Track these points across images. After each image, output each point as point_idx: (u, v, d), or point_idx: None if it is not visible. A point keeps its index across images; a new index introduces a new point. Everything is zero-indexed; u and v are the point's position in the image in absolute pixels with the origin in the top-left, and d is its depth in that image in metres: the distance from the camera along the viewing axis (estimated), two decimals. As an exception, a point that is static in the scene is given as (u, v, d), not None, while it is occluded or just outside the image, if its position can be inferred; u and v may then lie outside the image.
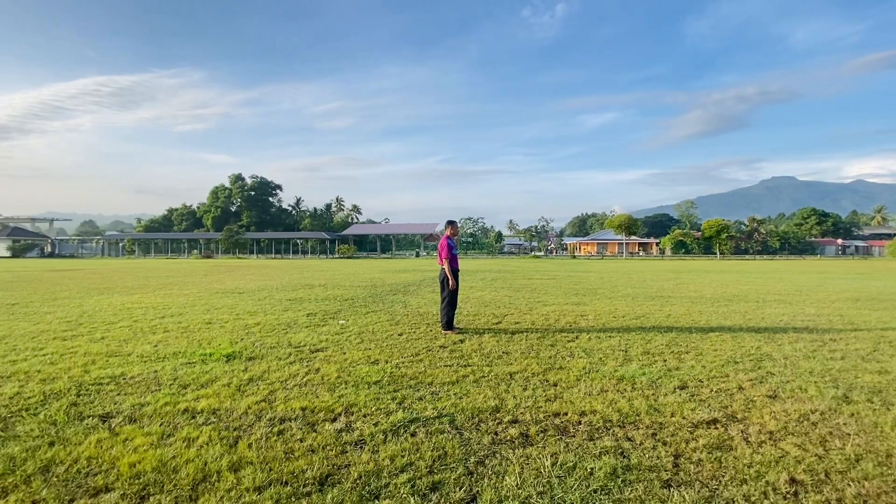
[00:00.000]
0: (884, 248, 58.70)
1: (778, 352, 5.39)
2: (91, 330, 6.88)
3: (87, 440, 3.00)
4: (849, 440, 2.98)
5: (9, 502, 2.30)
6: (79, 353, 5.42)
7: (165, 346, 5.74)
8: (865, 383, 4.20)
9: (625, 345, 5.76)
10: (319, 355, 5.27)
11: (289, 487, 2.41)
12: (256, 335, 6.45)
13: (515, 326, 7.15)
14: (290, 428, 3.18)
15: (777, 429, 3.15)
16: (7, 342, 6.02)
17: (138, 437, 3.04)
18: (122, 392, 3.98)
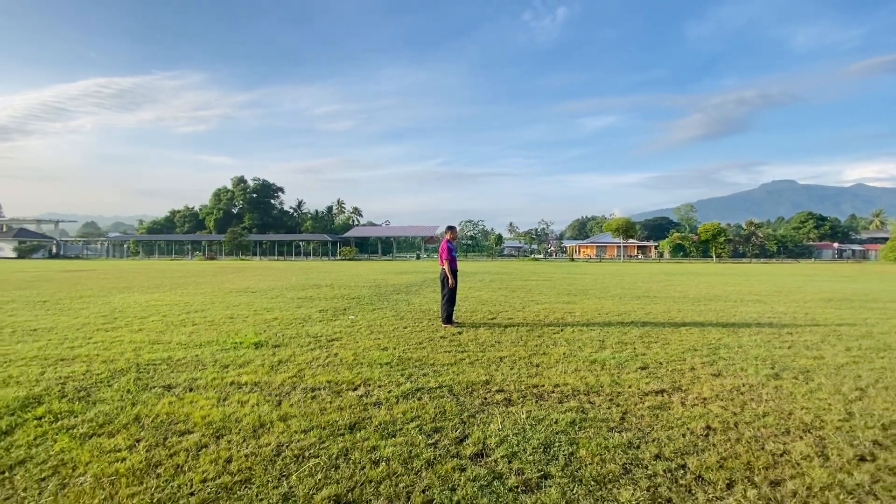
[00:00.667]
0: (879, 252, 59.38)
1: (735, 342, 6.18)
2: (128, 323, 7.67)
3: (160, 402, 3.79)
4: (764, 403, 3.77)
5: (118, 438, 3.09)
6: (124, 341, 6.21)
7: (198, 336, 6.53)
8: (798, 365, 4.99)
9: (603, 336, 6.55)
10: (336, 343, 6.07)
11: (327, 430, 3.20)
12: (276, 328, 7.24)
13: (508, 321, 7.94)
14: (321, 394, 3.97)
15: (710, 396, 3.94)
16: (57, 333, 6.81)
17: (200, 400, 3.83)
18: (174, 370, 4.77)
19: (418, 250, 73.05)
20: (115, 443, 3.02)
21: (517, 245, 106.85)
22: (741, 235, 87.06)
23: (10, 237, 63.07)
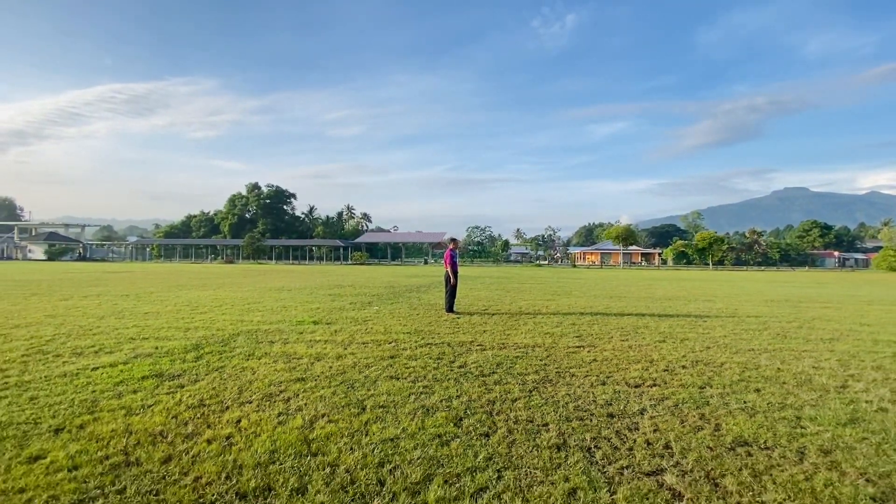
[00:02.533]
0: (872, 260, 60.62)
1: (655, 325, 8.58)
2: (210, 309, 10.26)
3: (273, 347, 6.30)
4: (638, 352, 6.18)
5: (262, 360, 5.59)
6: (218, 319, 8.77)
7: (269, 317, 9.08)
8: (683, 336, 7.38)
9: (561, 320, 9.00)
10: (369, 322, 8.58)
11: (377, 357, 5.69)
12: (322, 313, 9.78)
13: (496, 311, 10.40)
14: (369, 345, 6.47)
15: (608, 349, 6.37)
16: (164, 315, 9.39)
17: (297, 346, 6.35)
18: (269, 334, 7.29)
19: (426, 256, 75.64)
20: (263, 362, 5.53)
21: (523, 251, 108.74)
22: (744, 244, 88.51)
23: (40, 240, 66.81)
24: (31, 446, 3.07)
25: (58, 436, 3.25)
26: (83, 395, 4.12)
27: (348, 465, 2.85)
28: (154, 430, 3.37)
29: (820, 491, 2.58)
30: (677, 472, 2.79)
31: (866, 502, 2.47)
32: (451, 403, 4.01)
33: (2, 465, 2.80)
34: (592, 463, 2.91)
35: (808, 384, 4.74)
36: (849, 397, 4.31)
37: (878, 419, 3.74)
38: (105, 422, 3.50)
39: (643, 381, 4.77)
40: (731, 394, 4.37)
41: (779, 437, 3.35)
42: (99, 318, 8.71)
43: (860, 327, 8.65)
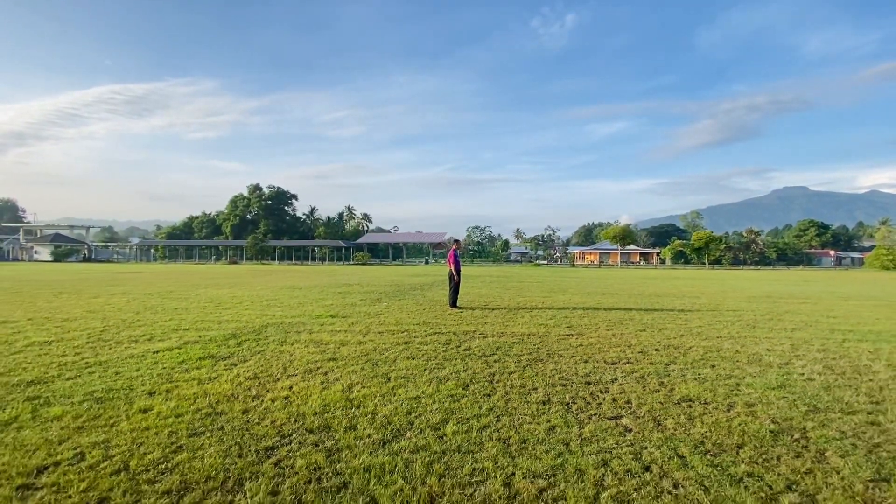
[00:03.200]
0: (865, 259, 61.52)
1: (640, 318, 9.50)
2: (233, 305, 11.17)
3: (301, 335, 7.21)
4: (619, 339, 7.09)
5: (295, 346, 6.51)
6: (244, 314, 9.68)
7: (289, 312, 9.99)
8: (660, 326, 8.30)
9: (555, 314, 9.92)
10: (381, 316, 9.50)
11: (393, 343, 6.60)
12: (337, 308, 10.69)
13: (496, 306, 11.32)
14: (384, 334, 7.39)
15: (594, 336, 7.28)
16: (193, 311, 10.30)
17: (322, 334, 7.26)
18: (294, 325, 8.21)
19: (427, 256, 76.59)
20: (296, 346, 6.44)
21: (523, 251, 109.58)
22: (741, 243, 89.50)
23: (46, 242, 67.72)
24: (137, 403, 3.98)
25: (153, 397, 4.17)
26: (157, 371, 5.04)
27: (384, 413, 3.77)
28: (226, 393, 4.28)
29: (734, 427, 3.49)
30: (632, 417, 3.71)
31: (765, 434, 3.38)
32: (459, 375, 4.93)
33: (123, 415, 3.71)
34: (569, 412, 3.82)
35: (757, 362, 5.66)
36: (786, 371, 5.22)
37: (802, 385, 4.66)
38: (185, 388, 4.42)
39: (619, 360, 5.69)
40: (689, 369, 5.28)
41: (717, 396, 4.26)
42: (135, 314, 9.63)
43: (825, 319, 9.57)
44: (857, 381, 4.85)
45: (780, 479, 2.71)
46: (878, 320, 9.52)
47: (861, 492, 2.58)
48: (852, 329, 8.28)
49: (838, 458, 2.99)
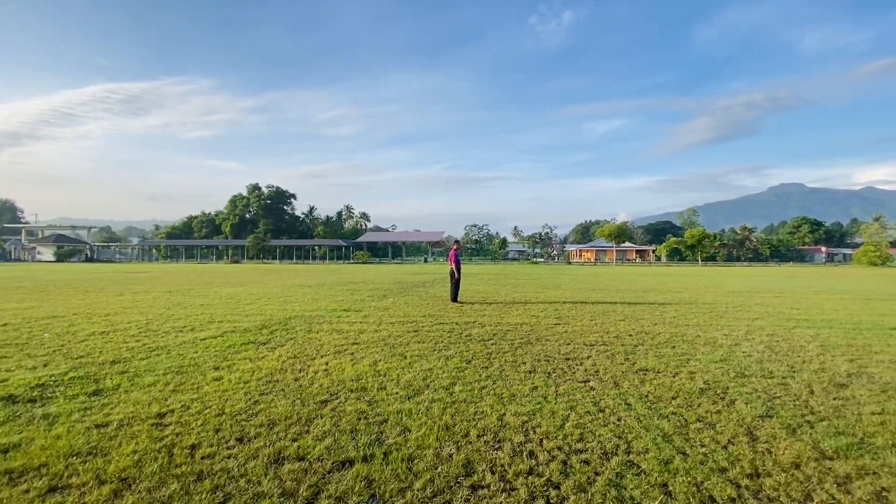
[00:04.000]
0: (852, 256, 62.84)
1: (622, 310, 10.59)
2: (252, 301, 12.21)
3: (323, 325, 8.27)
4: (598, 327, 8.18)
5: (322, 333, 7.56)
6: (266, 309, 10.72)
7: (306, 307, 11.04)
8: (643, 317, 9.39)
9: (546, 307, 11.00)
10: (389, 310, 10.56)
11: (404, 331, 7.67)
12: (348, 303, 11.74)
13: (493, 301, 12.40)
14: (395, 324, 8.45)
15: (577, 325, 8.37)
16: (216, 307, 11.33)
17: (341, 324, 8.32)
18: (313, 318, 9.26)
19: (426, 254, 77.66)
20: (322, 334, 7.50)
21: (521, 249, 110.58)
22: (735, 240, 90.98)
23: (49, 242, 68.47)
24: (208, 375, 5.03)
25: (219, 370, 5.22)
26: (212, 352, 6.09)
27: (405, 378, 4.84)
28: (276, 367, 5.34)
29: (673, 387, 4.57)
30: (597, 380, 4.79)
31: (695, 390, 4.46)
32: (462, 354, 6.00)
33: (202, 382, 4.75)
34: (549, 378, 4.90)
35: (711, 344, 6.75)
36: (732, 350, 6.32)
37: (740, 360, 5.75)
38: (241, 364, 5.48)
39: (596, 343, 6.78)
40: (653, 349, 6.37)
41: (669, 367, 5.35)
42: (167, 309, 10.67)
43: (787, 310, 10.69)
44: (787, 357, 5.94)
45: (694, 416, 3.79)
46: (835, 311, 10.64)
47: (748, 423, 3.66)
48: (807, 318, 9.39)
49: (743, 405, 4.08)
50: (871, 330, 7.96)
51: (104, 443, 3.25)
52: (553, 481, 2.74)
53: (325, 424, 3.60)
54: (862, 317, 9.60)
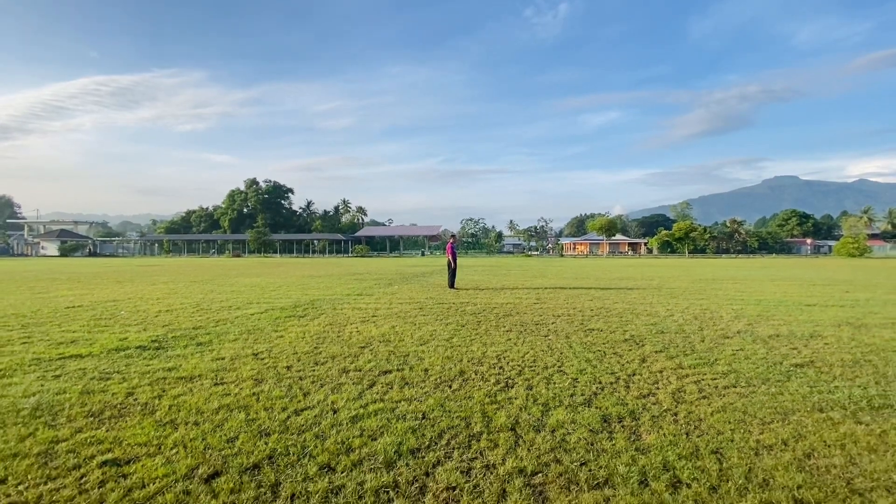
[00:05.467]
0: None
1: (594, 294, 12.50)
2: (274, 289, 14.03)
3: (344, 307, 10.12)
4: (568, 307, 10.08)
5: (347, 309, 9.41)
6: (290, 294, 12.54)
7: (324, 293, 12.87)
8: (610, 298, 11.30)
9: (529, 292, 12.90)
10: (396, 294, 12.42)
11: (411, 309, 9.54)
12: (359, 290, 13.59)
13: (485, 288, 14.29)
14: (403, 304, 10.32)
15: (553, 304, 10.26)
16: (245, 293, 13.13)
17: (359, 304, 10.17)
18: (333, 300, 11.10)
19: (422, 248, 79.57)
20: (345, 311, 9.36)
21: (516, 242, 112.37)
22: (724, 233, 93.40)
23: (53, 237, 69.78)
24: (272, 335, 6.87)
25: (278, 332, 7.06)
26: (266, 322, 7.93)
27: (417, 336, 6.71)
28: (318, 331, 7.19)
29: (607, 339, 6.46)
30: (554, 335, 6.67)
31: (621, 340, 6.35)
32: (458, 321, 7.88)
33: (270, 339, 6.59)
34: (520, 335, 6.78)
35: (653, 315, 8.66)
36: (665, 319, 8.22)
37: (667, 324, 7.65)
38: (293, 329, 7.32)
39: (562, 314, 8.68)
40: (604, 317, 8.27)
41: (610, 327, 7.25)
42: (204, 295, 12.47)
43: (734, 293, 12.63)
44: (703, 322, 7.86)
45: (611, 352, 5.68)
46: (772, 293, 12.59)
47: (644, 355, 5.55)
48: (743, 298, 11.34)
49: (648, 347, 5.97)
50: (786, 305, 9.92)
51: (229, 365, 5.10)
52: (511, 378, 4.62)
53: (367, 356, 5.47)
54: (790, 297, 11.55)
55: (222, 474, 2.70)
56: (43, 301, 10.92)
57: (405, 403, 3.87)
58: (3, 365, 5.07)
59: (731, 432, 3.23)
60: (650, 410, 3.68)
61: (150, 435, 3.23)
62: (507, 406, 3.80)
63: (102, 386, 4.34)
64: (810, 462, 2.80)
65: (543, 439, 3.15)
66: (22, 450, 3.01)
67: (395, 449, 3.00)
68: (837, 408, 3.70)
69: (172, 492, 2.51)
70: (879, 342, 6.22)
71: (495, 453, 2.95)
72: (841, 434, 3.19)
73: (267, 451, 2.98)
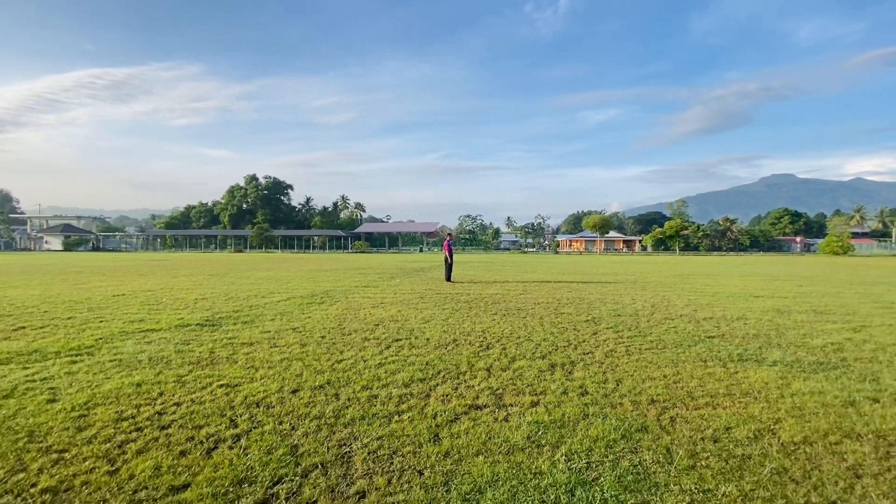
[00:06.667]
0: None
1: (575, 287, 14.08)
2: (288, 281, 15.55)
3: (353, 295, 11.66)
4: (547, 297, 11.65)
5: (357, 299, 10.96)
6: (305, 286, 14.06)
7: (334, 285, 14.40)
8: (587, 290, 12.87)
9: (518, 284, 14.47)
10: (399, 286, 13.96)
11: (414, 297, 11.09)
12: (364, 282, 15.12)
13: (479, 281, 15.85)
14: (407, 294, 11.87)
15: (535, 293, 11.83)
16: (261, 285, 14.64)
17: (368, 294, 11.72)
18: (345, 291, 12.64)
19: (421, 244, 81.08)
20: (357, 298, 10.90)
21: (514, 239, 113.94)
22: (717, 231, 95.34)
23: (57, 232, 70.93)
24: (301, 316, 8.41)
25: (304, 314, 8.59)
26: (292, 307, 9.46)
27: (420, 317, 8.26)
28: (338, 314, 8.72)
29: (573, 320, 8.02)
30: (531, 318, 8.24)
31: (584, 321, 7.91)
32: (454, 307, 9.43)
33: (301, 318, 8.13)
34: (504, 317, 8.34)
35: (618, 303, 10.23)
36: (626, 305, 9.79)
37: (626, 309, 9.22)
38: (316, 313, 8.86)
39: (542, 303, 10.25)
40: (577, 305, 9.84)
41: (578, 312, 8.82)
42: (227, 286, 13.98)
43: (700, 286, 14.22)
44: (657, 308, 9.43)
45: (572, 328, 7.24)
46: (734, 287, 14.19)
47: (597, 331, 7.10)
48: (704, 291, 12.93)
49: (603, 326, 7.53)
50: (735, 297, 11.51)
51: (276, 336, 6.63)
52: (491, 343, 6.17)
53: (382, 330, 7.03)
54: (744, 290, 13.15)
55: (300, 391, 4.24)
56: (86, 291, 12.42)
57: (413, 357, 5.43)
58: (102, 335, 6.60)
59: (633, 372, 4.79)
60: (585, 361, 5.24)
61: (242, 373, 4.77)
62: (486, 358, 5.36)
63: (188, 348, 5.88)
64: (675, 385, 4.36)
65: (507, 375, 4.71)
66: (161, 379, 4.54)
67: (409, 378, 4.56)
68: (715, 360, 5.27)
69: (273, 398, 4.05)
70: (788, 323, 7.81)
71: (474, 381, 4.50)
72: (705, 373, 4.76)
73: (324, 379, 4.53)
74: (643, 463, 2.83)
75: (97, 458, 2.90)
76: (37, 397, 3.97)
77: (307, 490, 2.56)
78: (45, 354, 5.45)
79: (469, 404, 3.87)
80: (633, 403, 3.87)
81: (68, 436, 3.22)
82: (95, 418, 3.53)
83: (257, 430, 3.34)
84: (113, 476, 2.70)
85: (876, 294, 12.23)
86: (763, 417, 3.55)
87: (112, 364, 5.07)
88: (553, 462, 2.84)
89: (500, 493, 2.50)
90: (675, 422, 3.48)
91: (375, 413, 3.68)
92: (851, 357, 5.46)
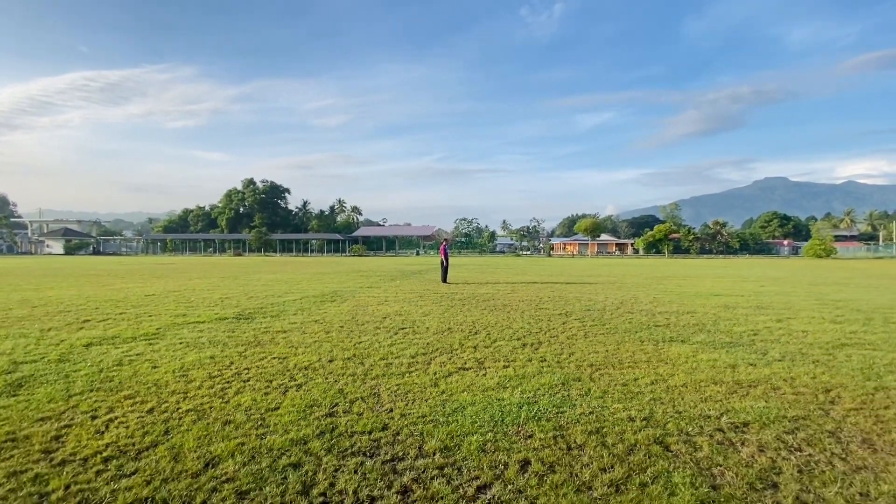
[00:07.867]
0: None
1: (559, 287, 15.61)
2: (296, 283, 16.98)
3: (360, 294, 13.13)
4: (531, 295, 13.16)
5: (363, 297, 12.41)
6: (313, 287, 15.50)
7: (339, 286, 15.85)
8: (568, 290, 14.40)
9: (508, 285, 15.99)
10: (399, 287, 15.43)
11: (415, 296, 12.57)
12: (367, 284, 16.58)
13: (473, 283, 17.35)
14: (408, 293, 13.35)
15: (521, 293, 13.34)
16: (274, 286, 16.07)
17: (373, 294, 13.18)
18: (351, 291, 14.10)
19: (417, 247, 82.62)
20: (364, 297, 12.37)
21: (508, 242, 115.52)
22: (708, 234, 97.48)
23: (58, 236, 71.84)
24: (318, 310, 9.86)
25: (321, 309, 10.05)
26: (308, 304, 10.92)
27: (420, 312, 9.74)
28: (350, 310, 10.19)
29: (549, 314, 9.53)
30: (513, 311, 9.74)
31: (556, 315, 9.42)
32: (449, 304, 10.92)
33: (320, 312, 9.59)
34: (491, 310, 9.83)
35: (592, 300, 11.74)
36: (599, 302, 11.31)
37: (598, 305, 10.74)
38: (331, 308, 10.31)
39: (525, 300, 11.75)
40: (556, 302, 11.35)
41: (555, 307, 10.33)
42: (241, 287, 15.40)
43: (673, 287, 15.77)
44: (624, 304, 10.95)
45: (546, 319, 8.74)
46: (702, 286, 15.75)
47: (567, 322, 8.61)
48: (673, 291, 14.48)
49: (574, 318, 9.04)
50: (697, 296, 13.06)
51: (302, 326, 8.09)
52: (479, 331, 7.65)
53: (389, 321, 8.51)
54: (708, 290, 14.72)
55: (334, 361, 5.71)
56: (117, 291, 13.81)
57: (417, 339, 6.92)
58: (159, 325, 8.03)
59: (585, 348, 6.31)
60: (550, 342, 6.75)
61: (286, 350, 6.23)
62: (473, 340, 6.86)
63: (235, 334, 7.33)
64: (612, 355, 5.87)
65: (489, 350, 6.20)
66: (227, 354, 6.00)
67: (414, 353, 6.04)
68: (651, 341, 6.79)
69: (317, 364, 5.51)
70: (728, 316, 9.36)
71: (464, 354, 6.00)
72: (639, 348, 6.27)
73: (351, 353, 6.01)
74: (570, 395, 4.34)
75: (211, 396, 4.36)
76: (142, 366, 5.43)
77: (355, 408, 4.04)
78: (125, 339, 6.89)
79: (459, 367, 5.37)
80: (576, 366, 5.38)
81: (182, 385, 4.68)
82: (194, 376, 5.00)
83: (312, 381, 4.81)
84: (227, 403, 4.16)
85: (823, 293, 13.82)
86: (663, 373, 5.07)
87: (181, 345, 6.52)
88: (512, 394, 4.34)
89: (476, 408, 4.00)
90: (602, 376, 4.99)
91: (392, 372, 5.17)
92: (759, 339, 7.00)
